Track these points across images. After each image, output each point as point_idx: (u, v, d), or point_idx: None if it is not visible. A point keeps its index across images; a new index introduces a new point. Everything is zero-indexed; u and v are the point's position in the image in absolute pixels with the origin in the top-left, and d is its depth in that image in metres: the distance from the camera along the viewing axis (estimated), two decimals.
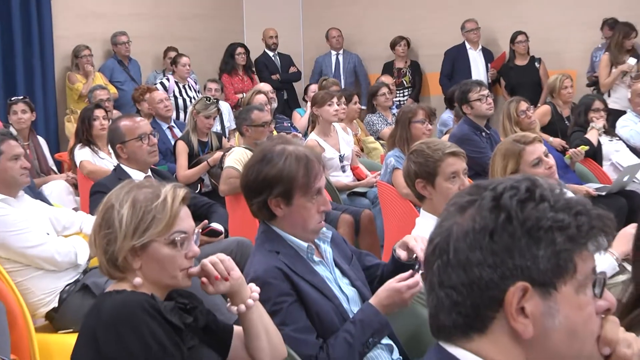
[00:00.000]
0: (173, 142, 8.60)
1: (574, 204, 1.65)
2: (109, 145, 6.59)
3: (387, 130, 9.01)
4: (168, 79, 11.76)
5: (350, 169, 8.16)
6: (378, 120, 10.21)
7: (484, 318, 1.63)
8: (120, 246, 2.81)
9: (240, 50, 12.91)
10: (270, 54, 13.35)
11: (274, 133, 8.00)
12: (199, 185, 7.82)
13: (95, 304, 2.93)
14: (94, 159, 7.78)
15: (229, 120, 10.19)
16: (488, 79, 11.81)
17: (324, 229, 3.58)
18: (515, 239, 1.60)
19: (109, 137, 6.43)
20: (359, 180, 8.07)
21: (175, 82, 11.68)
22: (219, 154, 7.82)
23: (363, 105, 10.85)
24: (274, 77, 12.60)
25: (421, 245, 3.50)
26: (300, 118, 10.87)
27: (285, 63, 13.34)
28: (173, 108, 10.31)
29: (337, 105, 8.15)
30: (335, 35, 13.27)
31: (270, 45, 13.38)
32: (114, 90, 11.22)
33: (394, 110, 10.29)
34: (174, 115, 10.20)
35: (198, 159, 8.09)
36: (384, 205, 6.92)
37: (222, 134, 9.23)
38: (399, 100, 11.97)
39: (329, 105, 8.03)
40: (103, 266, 2.91)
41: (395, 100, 11.49)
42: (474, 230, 1.63)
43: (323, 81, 11.07)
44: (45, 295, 4.96)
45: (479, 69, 12.16)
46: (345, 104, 8.77)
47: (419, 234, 3.65)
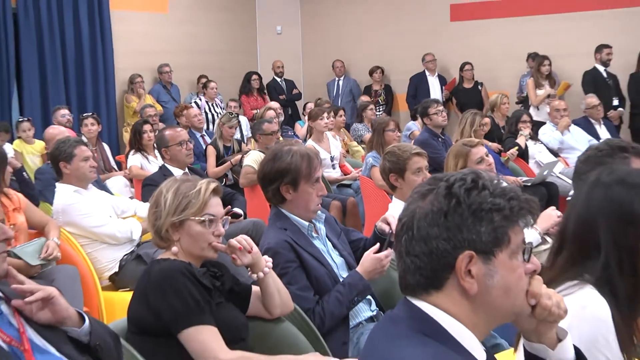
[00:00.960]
0: (204, 147, 8.59)
1: (508, 191, 1.65)
2: (156, 149, 6.61)
3: (368, 135, 9.02)
4: (200, 99, 11.78)
5: (339, 166, 8.16)
6: (363, 128, 10.26)
7: (440, 278, 1.63)
8: (163, 221, 2.87)
9: (255, 77, 12.92)
10: (278, 79, 13.29)
11: (280, 139, 7.99)
12: (224, 179, 7.81)
13: (146, 269, 2.94)
14: (143, 162, 7.76)
15: (247, 130, 10.16)
16: (442, 98, 11.78)
17: (319, 212, 3.61)
18: (464, 218, 1.61)
19: (156, 143, 6.48)
20: (345, 175, 8.06)
21: (206, 102, 11.70)
22: (239, 155, 7.82)
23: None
24: (281, 97, 12.55)
25: (392, 222, 3.56)
26: (301, 128, 10.87)
27: (289, 86, 13.29)
28: (204, 121, 10.30)
29: (327, 119, 8.18)
30: (339, 65, 13.22)
31: (277, 73, 13.32)
32: (159, 108, 11.21)
33: None
34: (205, 126, 10.18)
35: (223, 160, 8.08)
36: (364, 194, 6.94)
37: (241, 140, 9.21)
38: (375, 115, 11.96)
39: (321, 119, 8.09)
40: (153, 237, 2.98)
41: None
42: (432, 212, 1.62)
43: (318, 100, 11.09)
44: (108, 263, 4.99)
45: (435, 91, 12.13)
46: (334, 117, 8.77)
47: (394, 215, 3.66)
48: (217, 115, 11.05)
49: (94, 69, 11.66)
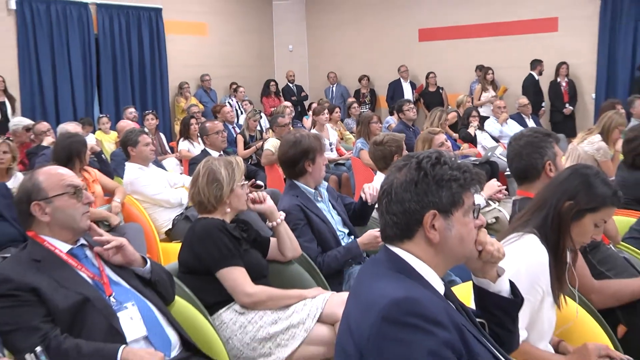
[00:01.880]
0: (235, 135, 8.56)
1: (462, 166, 1.64)
2: (199, 137, 6.60)
3: (355, 127, 9.00)
4: (232, 100, 11.73)
5: (336, 150, 8.13)
6: (351, 122, 10.20)
7: (411, 231, 1.62)
8: (225, 191, 2.87)
9: (272, 83, 12.88)
10: (290, 85, 13.20)
11: (291, 129, 7.97)
12: (249, 159, 7.79)
13: (191, 225, 2.94)
14: (190, 146, 7.72)
15: (266, 123, 10.13)
16: (413, 99, 11.69)
17: (323, 182, 3.60)
18: (429, 186, 1.60)
19: (199, 132, 6.47)
20: (340, 156, 8.02)
21: (236, 102, 11.65)
22: (260, 142, 7.79)
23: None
24: (292, 99, 12.48)
25: (371, 191, 3.57)
26: (307, 121, 10.79)
27: (299, 90, 13.19)
28: (235, 116, 10.24)
29: (326, 114, 8.17)
30: (332, 76, 13.11)
31: (290, 80, 13.23)
32: (201, 106, 11.15)
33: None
34: (235, 120, 10.14)
35: (249, 145, 8.06)
36: (354, 170, 6.90)
37: (262, 131, 9.17)
38: (362, 111, 11.89)
39: (322, 114, 8.06)
40: (204, 205, 2.91)
41: (362, 111, 11.40)
42: (406, 181, 1.61)
43: (319, 100, 11.03)
44: (164, 222, 5.00)
45: (408, 93, 12.02)
46: (330, 113, 8.73)
47: (375, 185, 3.65)
48: (244, 112, 11.01)
49: (153, 78, 11.66)
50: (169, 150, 8.49)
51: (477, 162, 7.05)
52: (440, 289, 1.63)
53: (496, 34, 11.62)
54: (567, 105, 10.49)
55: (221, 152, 5.91)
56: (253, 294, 2.71)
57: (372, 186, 3.63)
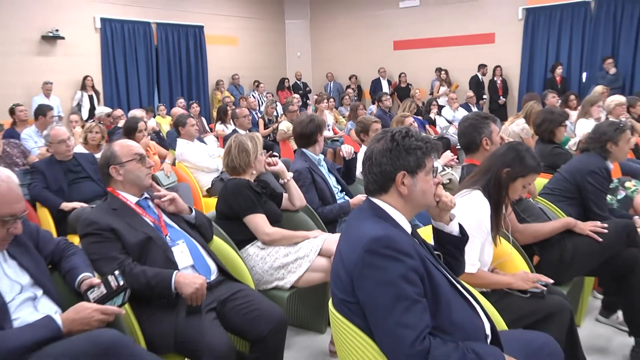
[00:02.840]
0: (257, 119, 8.49)
1: (425, 138, 1.61)
2: (231, 120, 6.53)
3: (347, 113, 8.92)
4: (255, 93, 11.54)
5: (332, 129, 8.06)
6: (344, 109, 10.07)
7: (387, 187, 1.59)
8: (251, 157, 2.83)
9: (285, 80, 12.70)
10: (298, 82, 13.01)
11: (298, 114, 7.90)
12: (268, 137, 7.73)
13: (225, 184, 2.90)
14: (224, 127, 7.63)
15: (280, 110, 10.03)
16: (389, 92, 11.57)
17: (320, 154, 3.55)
18: (400, 153, 1.56)
19: (231, 116, 6.38)
20: (335, 134, 7.95)
21: (258, 94, 11.47)
22: (276, 124, 7.71)
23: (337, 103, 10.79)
24: (299, 92, 12.35)
25: (348, 149, 3.61)
26: (309, 108, 10.73)
27: (304, 86, 13.02)
28: (257, 105, 10.16)
29: (325, 103, 8.05)
30: (329, 75, 12.91)
31: (298, 78, 13.05)
32: (232, 98, 10.99)
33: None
34: (257, 108, 10.05)
35: (267, 126, 7.99)
36: (346, 144, 6.84)
37: (277, 115, 9.07)
38: (352, 102, 11.73)
39: (322, 103, 7.96)
40: (235, 169, 2.85)
41: (352, 102, 11.25)
42: (383, 149, 1.58)
43: (320, 93, 10.88)
44: (206, 182, 4.97)
45: (385, 88, 11.87)
46: (327, 102, 8.62)
47: (350, 148, 3.65)
48: (264, 102, 10.89)
49: (197, 77, 11.55)
50: (209, 130, 8.42)
51: (435, 138, 7.00)
52: (408, 229, 1.61)
53: (451, 44, 11.56)
54: (501, 97, 10.56)
55: (247, 131, 5.85)
56: (271, 233, 2.70)
57: (348, 146, 3.64)
